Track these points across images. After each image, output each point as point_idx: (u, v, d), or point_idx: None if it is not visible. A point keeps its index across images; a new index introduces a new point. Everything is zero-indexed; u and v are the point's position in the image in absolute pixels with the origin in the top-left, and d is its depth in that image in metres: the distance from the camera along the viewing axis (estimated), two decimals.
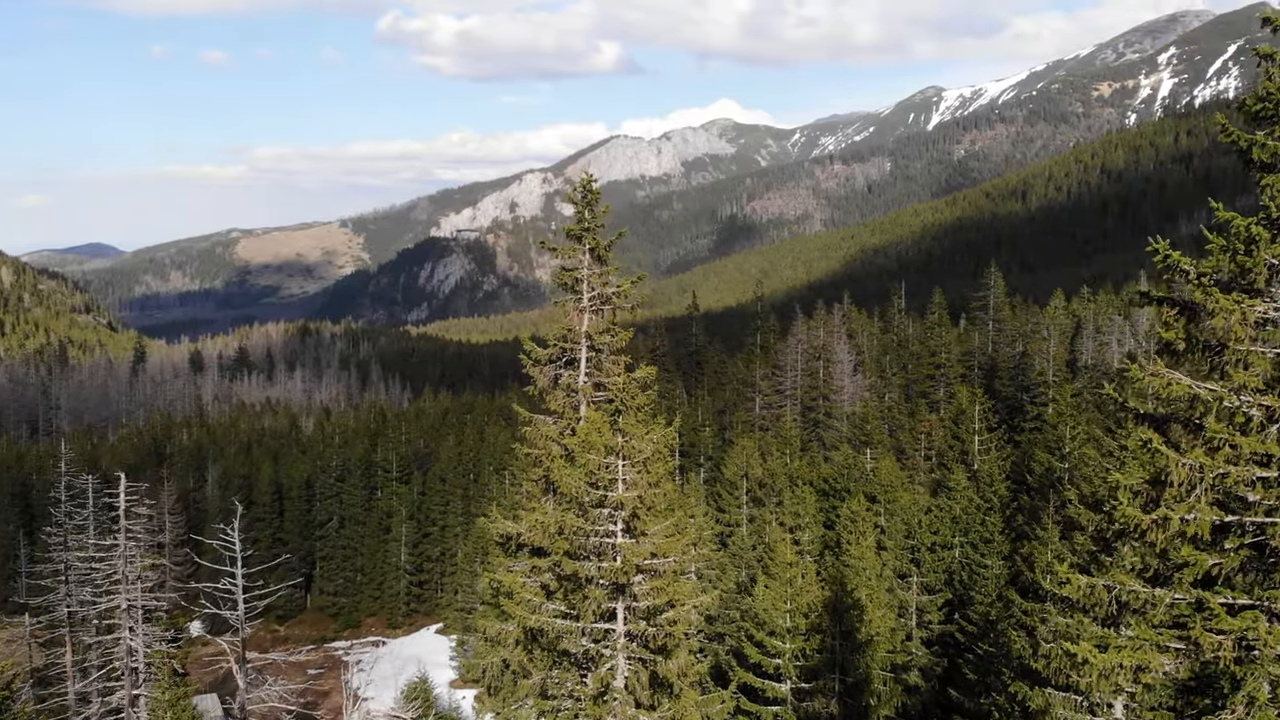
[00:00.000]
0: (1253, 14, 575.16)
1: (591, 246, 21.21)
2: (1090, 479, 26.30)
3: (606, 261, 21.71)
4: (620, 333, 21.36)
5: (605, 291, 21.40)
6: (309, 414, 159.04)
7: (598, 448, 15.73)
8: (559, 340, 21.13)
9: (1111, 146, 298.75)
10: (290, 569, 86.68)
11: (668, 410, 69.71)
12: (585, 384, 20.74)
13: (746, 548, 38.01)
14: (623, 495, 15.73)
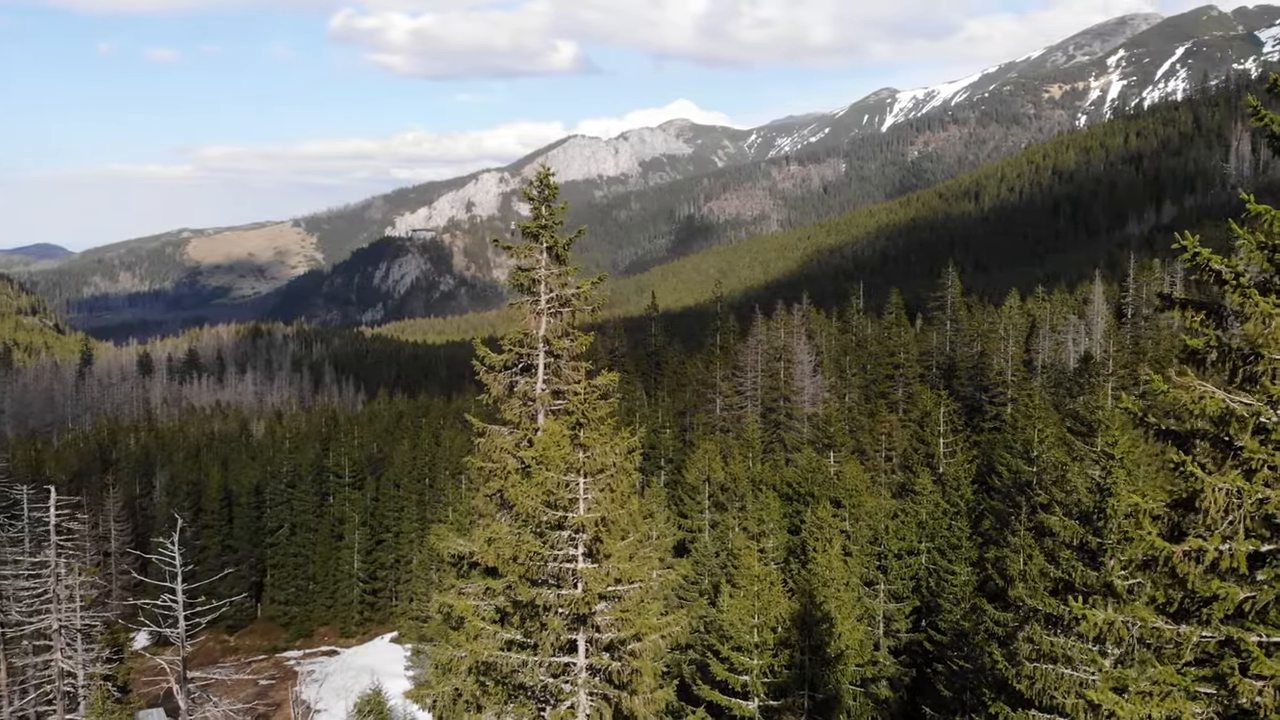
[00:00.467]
0: (1199, 17, 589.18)
1: (549, 245, 20.03)
2: (1068, 486, 25.70)
3: (565, 261, 20.55)
4: (580, 337, 20.20)
5: (564, 293, 20.25)
6: (260, 417, 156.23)
7: (556, 463, 14.67)
8: (515, 345, 19.92)
9: (1063, 147, 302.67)
10: (240, 577, 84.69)
11: (628, 412, 68.81)
12: (543, 392, 19.57)
13: (710, 554, 37.14)
14: (584, 516, 14.67)
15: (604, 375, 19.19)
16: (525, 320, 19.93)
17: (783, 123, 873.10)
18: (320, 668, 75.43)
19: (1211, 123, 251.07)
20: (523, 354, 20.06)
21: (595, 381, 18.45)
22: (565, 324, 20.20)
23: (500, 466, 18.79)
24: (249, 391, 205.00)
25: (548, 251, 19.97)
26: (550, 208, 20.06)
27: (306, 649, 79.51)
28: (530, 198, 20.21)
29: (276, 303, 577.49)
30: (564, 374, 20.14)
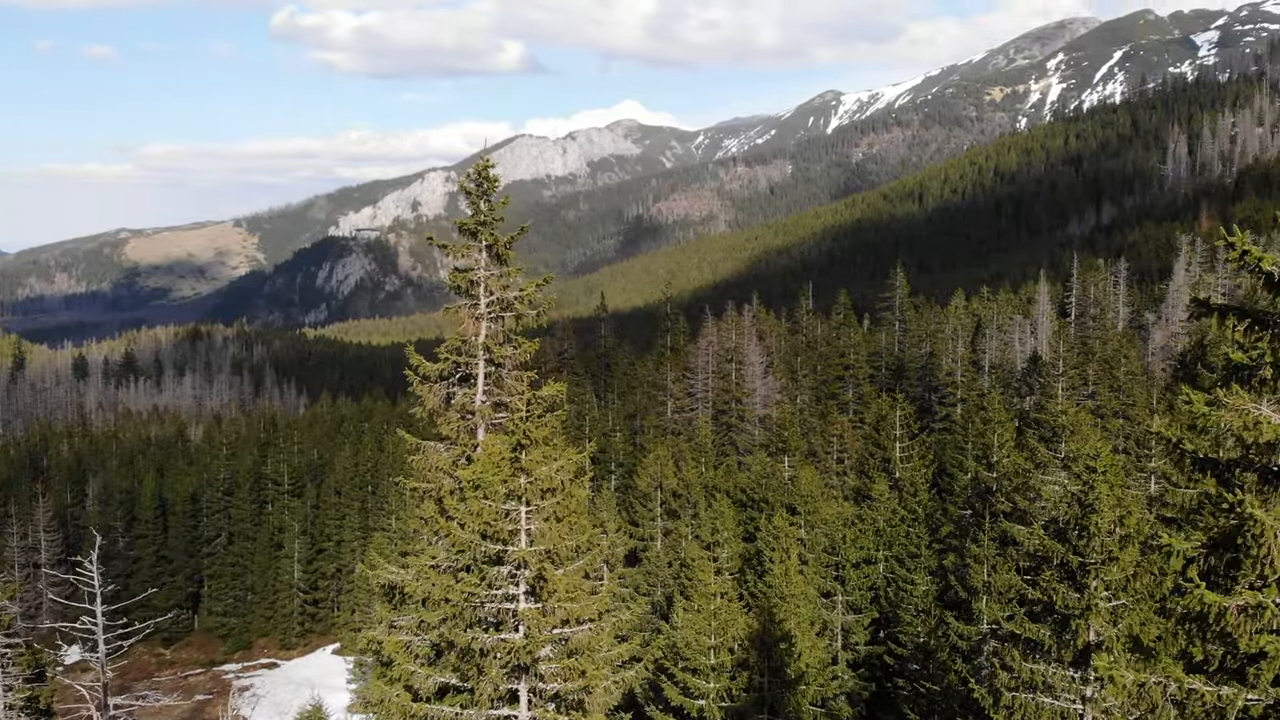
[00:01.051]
0: (1136, 21, 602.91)
1: (489, 244, 18.65)
2: (1031, 493, 24.98)
3: (507, 261, 19.11)
4: (524, 344, 18.83)
5: (506, 296, 18.78)
6: (199, 422, 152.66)
7: (494, 490, 13.39)
8: (452, 353, 18.46)
9: (1004, 149, 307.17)
10: (176, 589, 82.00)
11: (578, 416, 67.48)
12: (483, 404, 18.19)
13: (662, 564, 36.03)
14: (526, 550, 13.39)
15: (550, 385, 17.81)
16: (463, 325, 18.53)
17: (730, 124, 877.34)
18: (260, 681, 73.15)
19: (1149, 125, 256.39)
20: (460, 363, 18.55)
21: (541, 392, 17.09)
22: (507, 329, 18.79)
23: (436, 487, 17.39)
24: (187, 395, 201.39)
25: (487, 250, 18.59)
26: (490, 203, 18.68)
27: (245, 662, 77.22)
28: (468, 192, 18.81)
29: (217, 304, 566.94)
30: (506, 384, 18.75)
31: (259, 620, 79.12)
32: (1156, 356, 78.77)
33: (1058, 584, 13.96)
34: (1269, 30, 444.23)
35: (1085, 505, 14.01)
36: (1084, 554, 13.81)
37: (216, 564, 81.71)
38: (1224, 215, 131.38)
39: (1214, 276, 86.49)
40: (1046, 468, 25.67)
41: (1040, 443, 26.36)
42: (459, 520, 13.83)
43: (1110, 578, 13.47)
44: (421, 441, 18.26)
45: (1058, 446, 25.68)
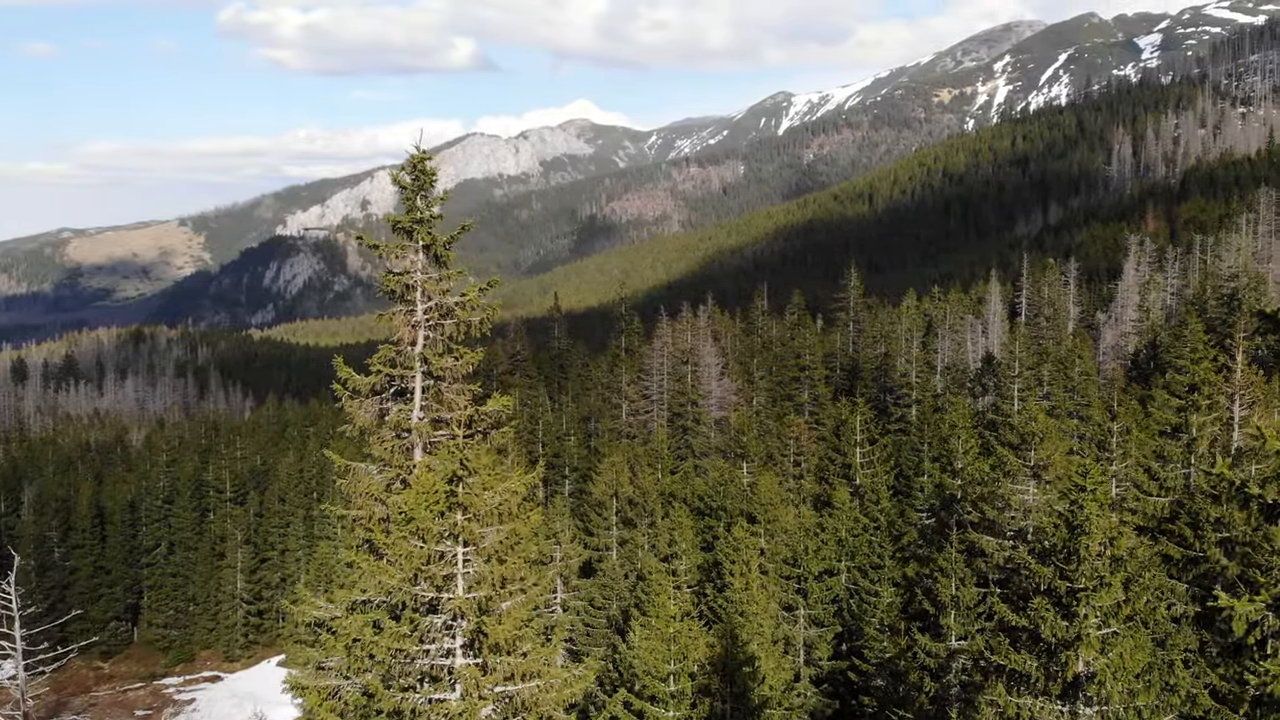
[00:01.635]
0: (1081, 24, 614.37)
1: (426, 243, 17.19)
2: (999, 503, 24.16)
3: (447, 263, 17.60)
4: (466, 354, 17.20)
5: (446, 301, 17.18)
6: (141, 426, 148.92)
7: (427, 528, 12.05)
8: (385, 364, 16.92)
9: (953, 150, 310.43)
10: (115, 600, 79.36)
11: (530, 420, 66.09)
12: (421, 421, 16.72)
13: (618, 576, 34.87)
14: (463, 599, 11.95)
15: (496, 399, 16.46)
16: (399, 334, 17.06)
17: (682, 124, 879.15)
18: (202, 695, 70.90)
19: (1094, 126, 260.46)
20: (395, 375, 16.98)
21: (486, 407, 15.75)
22: (448, 338, 17.21)
23: (367, 515, 15.94)
24: (130, 399, 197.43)
25: (425, 251, 17.14)
26: (427, 198, 17.21)
27: (187, 675, 74.87)
28: (402, 186, 17.29)
29: (162, 304, 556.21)
30: (447, 399, 17.12)
31: (201, 632, 76.76)
32: (1108, 356, 79.30)
33: (1046, 611, 13.05)
34: (1210, 33, 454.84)
35: (1074, 527, 13.12)
36: (1073, 579, 12.91)
37: (156, 574, 79.13)
38: (1170, 215, 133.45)
39: (1163, 276, 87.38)
40: (1015, 476, 24.95)
41: (1008, 450, 25.60)
42: (389, 558, 12.43)
43: (1102, 604, 12.62)
44: (350, 464, 16.72)
45: (1026, 454, 24.98)
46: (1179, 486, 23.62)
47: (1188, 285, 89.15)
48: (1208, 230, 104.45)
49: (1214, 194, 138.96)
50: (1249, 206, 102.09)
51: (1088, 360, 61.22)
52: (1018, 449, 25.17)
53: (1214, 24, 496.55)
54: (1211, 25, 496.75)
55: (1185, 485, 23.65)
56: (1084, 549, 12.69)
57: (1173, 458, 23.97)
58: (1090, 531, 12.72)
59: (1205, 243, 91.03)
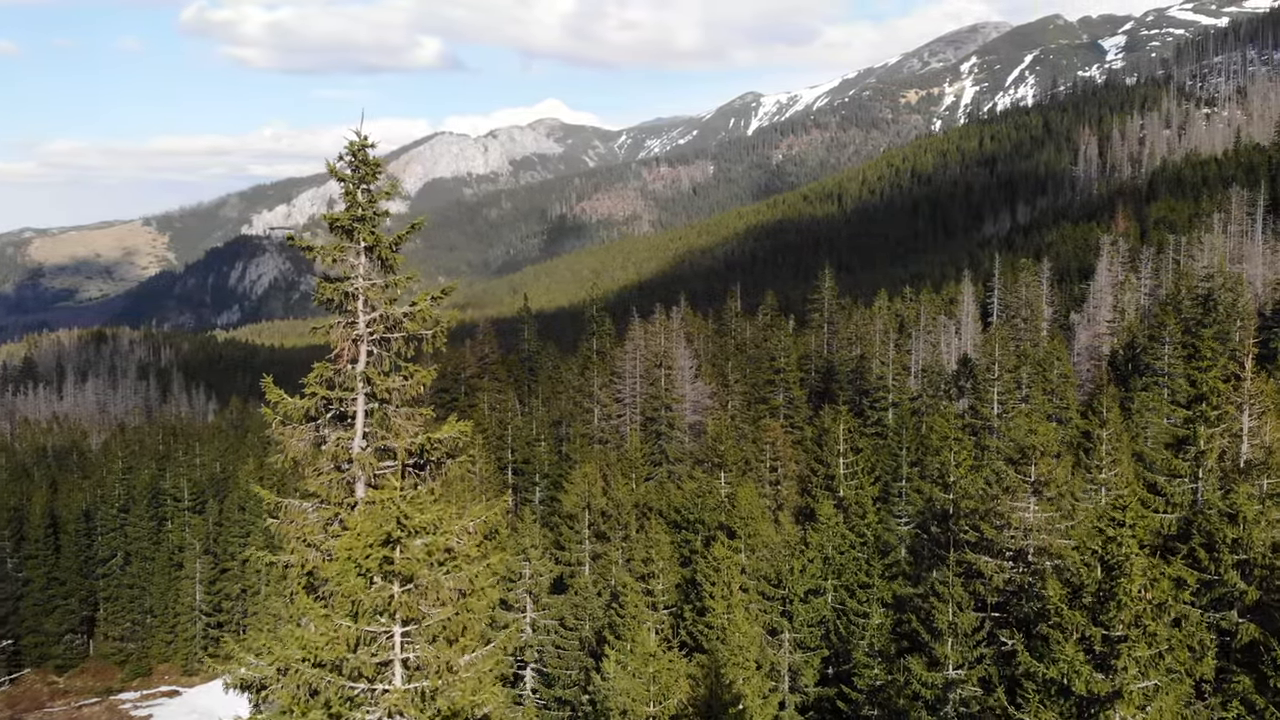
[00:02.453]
0: (1046, 26, 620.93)
1: (369, 244, 15.39)
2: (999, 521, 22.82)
3: (395, 267, 15.60)
4: (417, 372, 15.19)
5: (392, 312, 15.23)
6: (102, 430, 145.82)
7: (360, 600, 10.21)
8: (321, 385, 15.02)
9: (921, 151, 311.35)
10: (70, 612, 76.88)
11: (500, 425, 64.29)
12: (363, 451, 14.75)
13: (591, 594, 33.32)
14: (399, 695, 10.01)
15: (451, 424, 14.65)
16: (337, 350, 15.19)
17: (652, 124, 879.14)
18: (160, 711, 68.67)
19: (1060, 127, 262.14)
20: (333, 398, 14.99)
21: (439, 434, 13.96)
22: (396, 354, 15.32)
23: (299, 562, 14.10)
24: (90, 402, 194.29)
25: (368, 253, 15.29)
26: (370, 192, 15.35)
27: (145, 689, 72.53)
28: (341, 179, 15.39)
29: (126, 305, 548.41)
30: (394, 425, 15.03)
31: (159, 645, 74.35)
32: (1082, 356, 78.77)
33: (1079, 663, 11.69)
34: (1174, 35, 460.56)
35: (1111, 567, 11.79)
36: (1110, 626, 11.60)
37: (112, 586, 76.63)
38: (1139, 215, 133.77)
39: (1137, 276, 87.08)
40: (1015, 493, 23.65)
41: (1008, 464, 24.30)
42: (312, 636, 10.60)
43: (1142, 655, 11.28)
44: (281, 500, 14.78)
45: (1026, 469, 23.70)
46: (1187, 502, 22.49)
47: (1160, 285, 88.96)
48: (1178, 230, 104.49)
49: (1182, 194, 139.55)
50: (1220, 206, 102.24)
51: (1066, 362, 60.46)
52: (1017, 463, 23.92)
53: (1177, 26, 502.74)
54: (1175, 27, 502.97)
55: (1193, 501, 22.54)
56: (1123, 592, 11.38)
57: (1180, 472, 22.83)
58: (1130, 573, 11.40)
59: (1178, 242, 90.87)
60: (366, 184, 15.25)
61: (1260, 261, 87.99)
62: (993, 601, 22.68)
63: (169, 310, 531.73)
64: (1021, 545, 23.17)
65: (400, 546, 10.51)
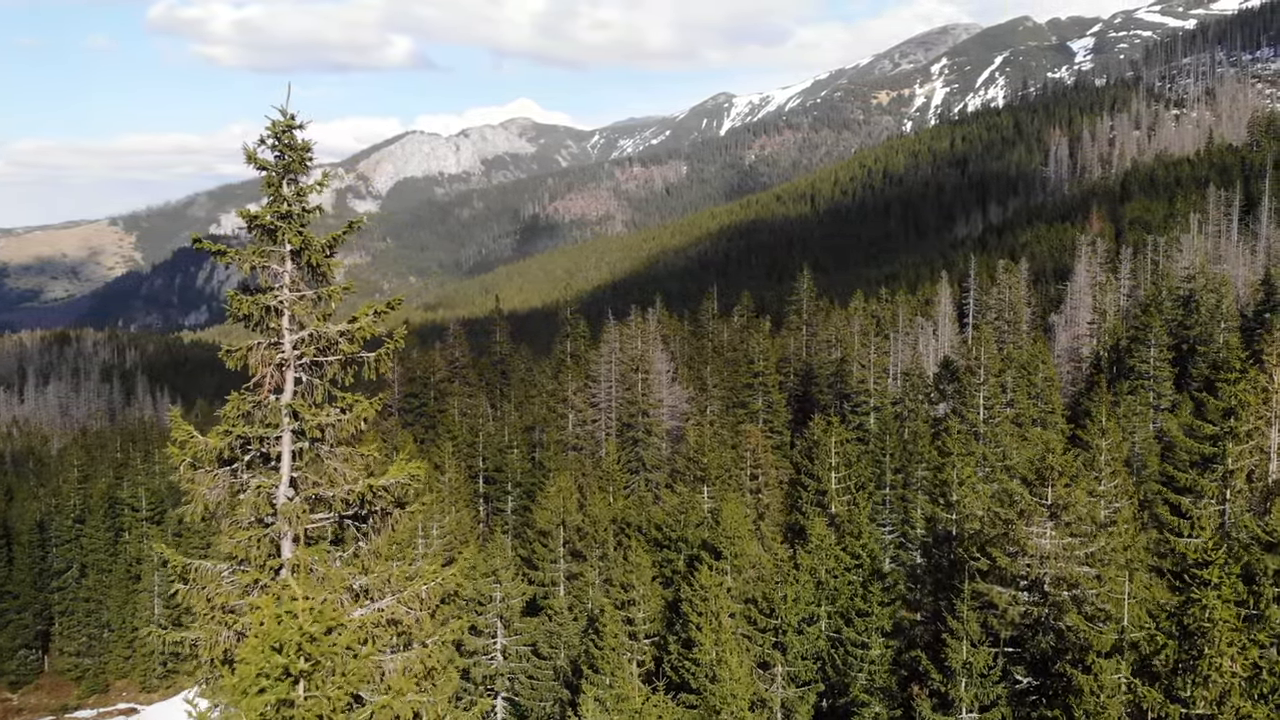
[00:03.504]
0: (1016, 27, 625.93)
1: (297, 248, 12.90)
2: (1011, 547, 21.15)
3: (329, 275, 13.26)
4: (357, 404, 12.86)
5: (326, 331, 12.80)
6: (63, 434, 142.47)
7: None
8: (239, 420, 12.66)
9: (893, 151, 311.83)
10: (23, 627, 74.01)
11: (471, 432, 62.23)
12: (291, 502, 12.44)
13: (567, 620, 31.42)
14: None
15: (400, 465, 12.36)
16: (257, 377, 12.96)
17: (625, 124, 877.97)
18: None
19: (1031, 128, 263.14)
20: (253, 437, 12.60)
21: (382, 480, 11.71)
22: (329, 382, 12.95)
23: (209, 641, 11.96)
24: (52, 405, 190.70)
25: (294, 259, 12.92)
26: (297, 184, 13.02)
27: (102, 707, 70.03)
28: (262, 166, 12.96)
29: (92, 306, 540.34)
30: (328, 469, 12.77)
31: (117, 660, 71.65)
32: (1062, 358, 77.80)
33: None
34: (1142, 37, 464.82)
35: (1191, 634, 10.12)
36: (1190, 705, 9.90)
37: (68, 599, 73.82)
38: (1114, 216, 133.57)
39: (1116, 277, 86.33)
40: (1029, 517, 21.97)
41: (1022, 486, 22.60)
42: None
43: None
44: (190, 561, 12.58)
45: (1043, 491, 22.05)
46: (1214, 525, 21.03)
47: (1138, 286, 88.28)
48: (1153, 230, 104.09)
49: (1156, 194, 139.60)
50: (1196, 207, 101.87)
51: (1050, 366, 59.27)
52: (1032, 485, 22.26)
53: (1145, 28, 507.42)
54: (1142, 29, 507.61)
55: (1221, 524, 21.10)
56: (1207, 665, 9.72)
57: (1206, 491, 21.32)
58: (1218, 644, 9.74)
59: (1156, 243, 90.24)
60: (294, 174, 12.85)
61: (1241, 262, 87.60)
62: (1006, 635, 21.06)
63: (136, 311, 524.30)
64: (1038, 574, 21.51)
65: (307, 678, 8.29)
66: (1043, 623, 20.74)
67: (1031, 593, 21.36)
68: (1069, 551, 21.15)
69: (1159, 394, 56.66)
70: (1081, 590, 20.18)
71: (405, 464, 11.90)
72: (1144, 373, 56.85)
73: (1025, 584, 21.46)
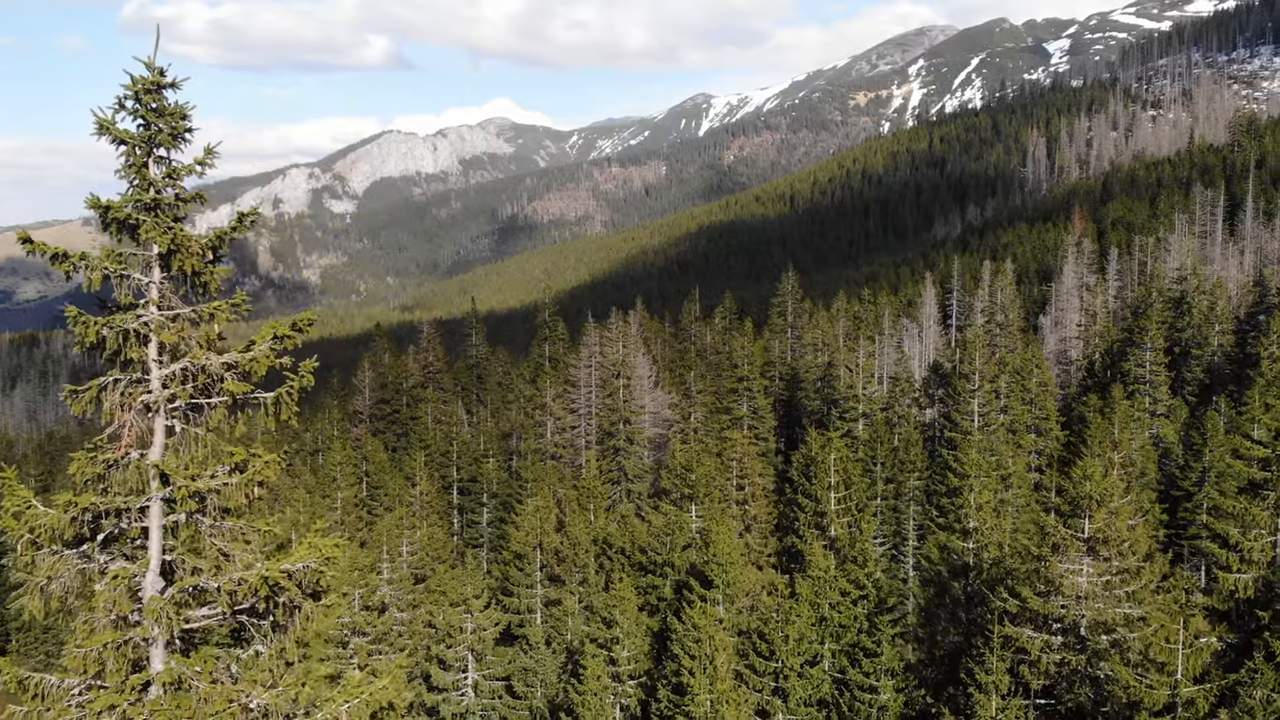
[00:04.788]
0: (992, 29, 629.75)
1: (167, 250, 9.95)
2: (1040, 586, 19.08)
3: (210, 287, 10.32)
4: (252, 460, 9.66)
5: (210, 364, 9.81)
6: (30, 441, 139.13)
7: None
8: (90, 487, 9.57)
9: (872, 152, 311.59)
10: None
11: (445, 439, 59.80)
12: (163, 597, 9.28)
13: (544, 654, 29.16)
14: None
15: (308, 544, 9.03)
16: (111, 428, 9.65)
17: (604, 124, 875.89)
18: None
19: (1009, 128, 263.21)
20: (108, 509, 9.47)
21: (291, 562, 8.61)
22: (213, 432, 9.76)
23: None
24: (19, 409, 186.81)
25: (164, 266, 10.00)
26: (169, 163, 10.27)
27: None
28: (122, 139, 9.80)
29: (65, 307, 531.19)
30: (212, 550, 9.61)
31: None
32: (1050, 361, 76.28)
33: None
34: (1117, 38, 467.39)
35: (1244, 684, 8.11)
36: None
37: (24, 617, 70.68)
38: (1096, 216, 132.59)
39: (1104, 279, 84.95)
40: (1065, 550, 19.86)
41: (1056, 518, 20.53)
42: None
43: None
44: (28, 675, 9.64)
45: (1079, 524, 19.96)
46: (1266, 560, 19.05)
47: (1125, 287, 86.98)
48: (1136, 231, 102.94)
49: (1137, 194, 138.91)
50: (1183, 207, 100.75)
51: (1045, 370, 57.55)
52: (1069, 516, 20.17)
53: (1120, 29, 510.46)
54: (1118, 31, 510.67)
55: (1274, 559, 19.13)
56: None
57: (1259, 522, 19.35)
58: None
59: (1143, 244, 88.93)
60: (163, 148, 10.26)
61: (1232, 264, 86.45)
62: (1037, 686, 19.03)
63: None
64: (1073, 616, 19.42)
65: None
66: (1080, 672, 18.70)
67: (1066, 637, 19.32)
68: (1109, 590, 19.10)
69: (1155, 399, 55.07)
70: (1122, 634, 18.21)
71: (317, 541, 8.98)
72: (1139, 377, 55.25)
73: (1059, 627, 19.41)
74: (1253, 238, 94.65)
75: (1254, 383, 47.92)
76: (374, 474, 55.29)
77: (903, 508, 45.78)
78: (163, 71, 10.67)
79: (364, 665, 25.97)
